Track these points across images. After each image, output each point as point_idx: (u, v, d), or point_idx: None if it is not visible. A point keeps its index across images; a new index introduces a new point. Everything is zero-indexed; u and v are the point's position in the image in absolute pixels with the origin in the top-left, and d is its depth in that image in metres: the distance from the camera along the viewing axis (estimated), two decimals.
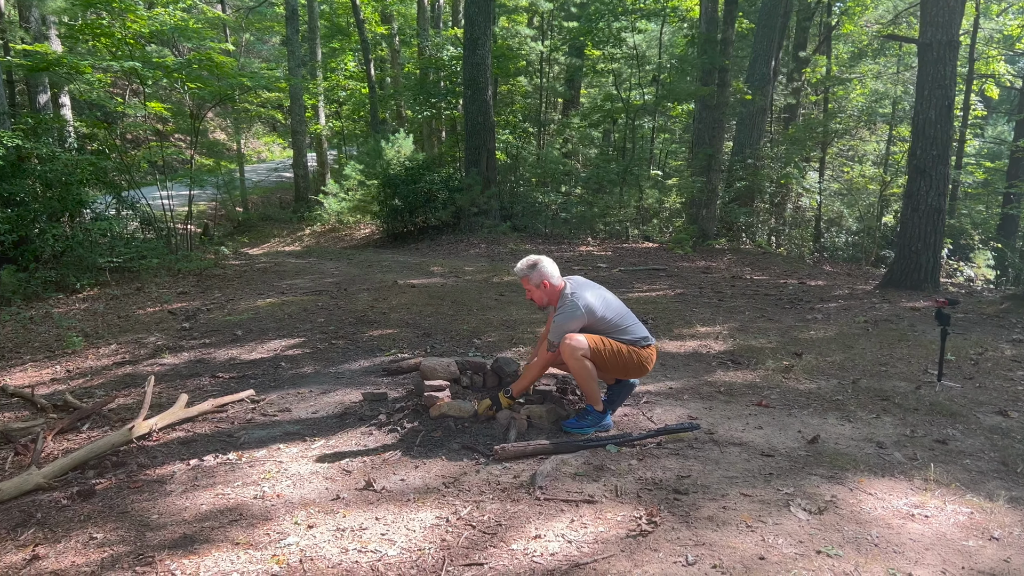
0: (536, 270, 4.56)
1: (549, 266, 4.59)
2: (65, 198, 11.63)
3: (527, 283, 4.60)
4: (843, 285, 10.70)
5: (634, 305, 8.67)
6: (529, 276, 4.57)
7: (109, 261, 11.50)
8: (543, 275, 4.56)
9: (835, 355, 6.42)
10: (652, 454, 4.24)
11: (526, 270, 4.59)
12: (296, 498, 3.73)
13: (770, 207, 20.04)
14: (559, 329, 4.41)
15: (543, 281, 4.55)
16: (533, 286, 4.59)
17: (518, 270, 4.62)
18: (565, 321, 4.42)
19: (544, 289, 4.57)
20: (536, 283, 4.57)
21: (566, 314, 4.43)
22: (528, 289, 4.63)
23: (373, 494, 3.76)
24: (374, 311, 8.19)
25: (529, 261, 4.61)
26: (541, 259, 4.60)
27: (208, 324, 8.03)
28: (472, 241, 15.39)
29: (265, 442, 4.53)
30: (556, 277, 4.59)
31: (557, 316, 4.46)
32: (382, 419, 4.75)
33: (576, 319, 4.42)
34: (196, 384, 5.88)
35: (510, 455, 4.15)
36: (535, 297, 4.64)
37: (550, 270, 4.58)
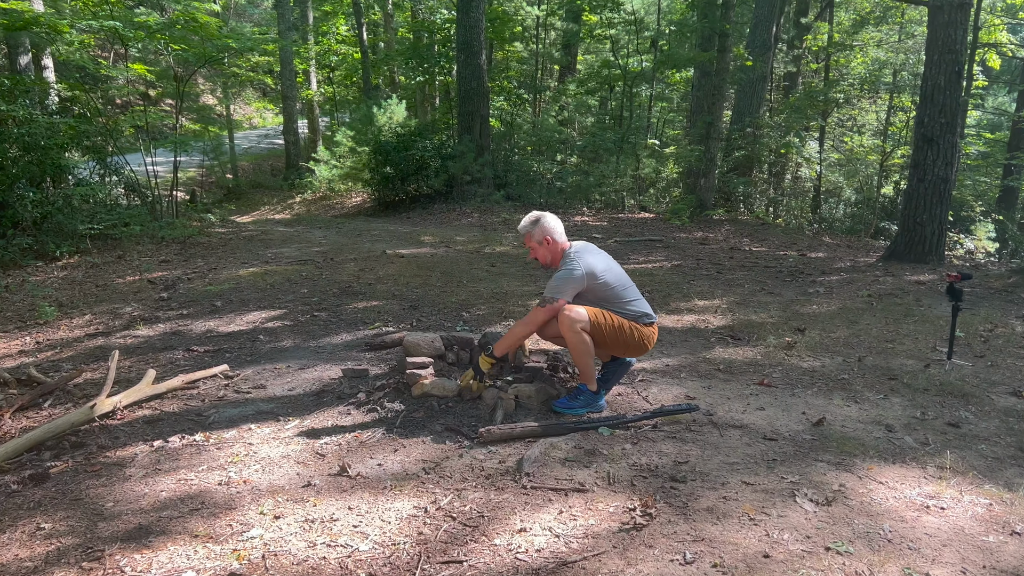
0: (538, 226, 4.28)
1: (552, 221, 4.31)
2: (44, 162, 11.24)
3: (529, 240, 4.33)
4: (844, 258, 10.42)
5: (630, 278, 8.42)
6: (532, 232, 4.30)
7: (90, 228, 11.14)
8: (545, 230, 4.27)
9: (839, 331, 6.15)
10: (647, 437, 3.98)
11: (528, 226, 4.31)
12: (264, 484, 3.46)
13: (768, 177, 19.71)
14: (555, 286, 4.14)
15: (545, 237, 4.27)
16: (535, 243, 4.31)
17: (521, 227, 4.36)
18: (563, 279, 4.15)
19: (547, 246, 4.29)
20: (538, 239, 4.28)
21: (565, 272, 4.16)
22: (531, 247, 4.36)
23: (347, 480, 3.49)
24: (360, 282, 7.88)
25: (532, 217, 4.34)
26: (544, 215, 4.34)
27: (187, 294, 7.73)
28: (464, 210, 15.05)
29: (236, 422, 4.26)
30: (560, 234, 4.32)
31: (556, 275, 4.20)
32: (361, 398, 4.47)
33: (574, 279, 4.14)
34: (169, 358, 5.59)
35: (496, 438, 3.88)
36: (538, 255, 4.37)
37: (553, 225, 4.30)
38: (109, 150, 13.20)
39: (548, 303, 4.12)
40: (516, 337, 4.30)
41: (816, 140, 19.41)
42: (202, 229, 13.10)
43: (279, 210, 21.87)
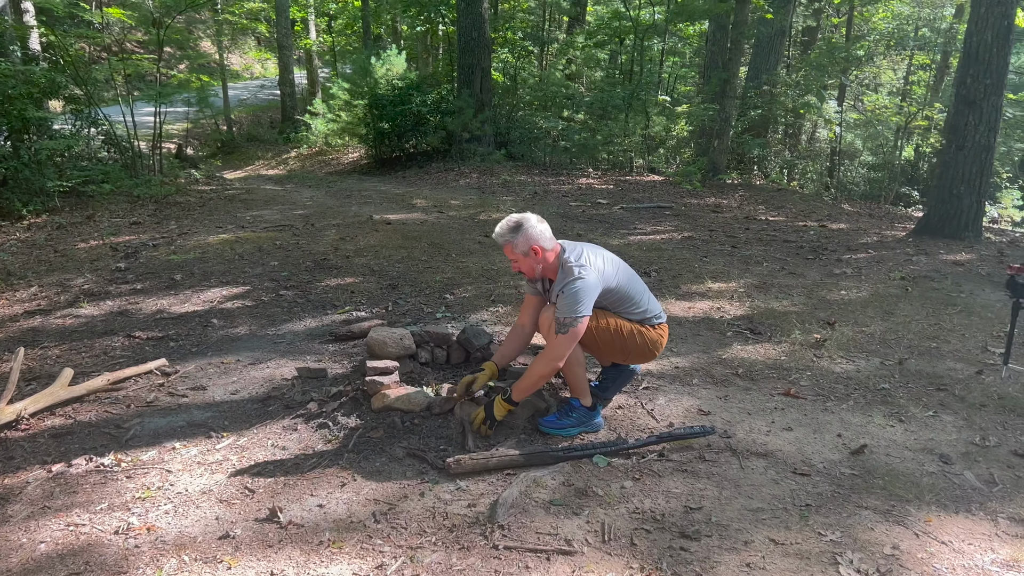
0: (522, 233, 3.40)
1: (537, 224, 3.44)
2: (10, 114, 10.42)
3: (511, 251, 3.45)
4: (869, 230, 9.60)
5: (636, 252, 7.65)
6: (513, 242, 3.41)
7: (59, 185, 10.37)
8: (531, 238, 3.40)
9: (873, 324, 5.39)
10: (652, 471, 3.26)
11: (508, 235, 3.42)
12: (172, 534, 2.76)
13: (784, 139, 18.75)
14: (570, 304, 3.27)
15: (532, 246, 3.40)
16: (520, 254, 3.43)
17: (498, 235, 3.46)
18: (578, 293, 3.28)
19: (535, 257, 3.43)
20: (524, 250, 3.41)
21: (577, 284, 3.30)
22: (514, 259, 3.48)
23: (276, 531, 2.79)
24: (337, 254, 7.13)
25: (511, 222, 3.44)
26: (526, 217, 3.45)
27: (147, 264, 6.99)
28: (463, 170, 14.20)
29: (159, 437, 3.55)
30: (548, 238, 3.45)
31: (566, 289, 3.31)
32: (312, 408, 3.75)
33: (590, 289, 3.31)
34: (105, 346, 4.88)
35: (467, 470, 3.17)
36: (523, 268, 3.50)
37: (540, 229, 3.43)
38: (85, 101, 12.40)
39: (569, 327, 3.28)
40: (539, 378, 3.42)
41: (835, 99, 18.40)
42: (184, 187, 12.36)
43: (273, 165, 21.04)
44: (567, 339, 3.29)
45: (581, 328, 3.31)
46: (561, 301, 3.32)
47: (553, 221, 9.17)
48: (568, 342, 3.31)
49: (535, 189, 12.30)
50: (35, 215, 9.89)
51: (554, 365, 3.35)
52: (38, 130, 11.51)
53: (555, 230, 7.63)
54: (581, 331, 3.32)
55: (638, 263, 7.09)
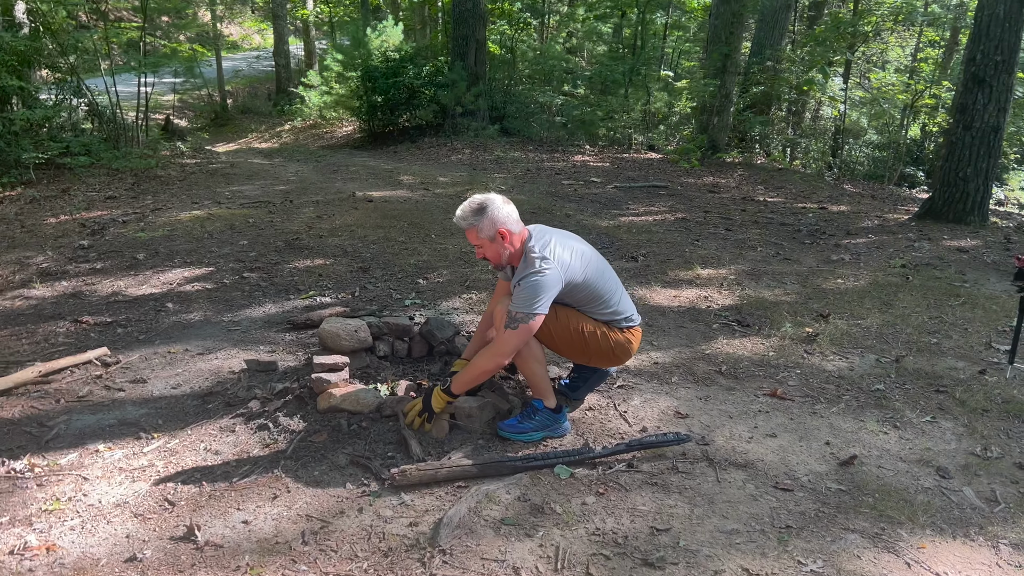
0: (487, 216, 3.07)
1: (504, 206, 3.10)
2: None
3: (474, 236, 3.12)
4: (871, 213, 9.24)
5: (625, 235, 7.30)
6: (477, 225, 3.08)
7: (35, 157, 10.02)
8: (497, 220, 3.07)
9: (870, 316, 5.06)
10: (619, 484, 2.95)
11: (471, 217, 3.09)
12: (72, 556, 2.47)
13: (787, 116, 18.28)
14: (526, 298, 2.97)
15: (499, 230, 3.07)
16: (485, 239, 3.10)
17: (460, 219, 3.13)
18: (535, 287, 2.97)
19: (501, 243, 3.10)
20: (489, 234, 3.08)
21: (535, 277, 2.98)
22: (478, 245, 3.15)
23: (191, 552, 2.49)
24: (311, 233, 6.80)
25: (473, 204, 3.11)
26: (490, 198, 3.11)
27: (112, 242, 6.68)
28: (456, 146, 13.82)
29: (84, 438, 3.25)
30: (515, 221, 3.12)
31: (524, 281, 3.00)
32: (254, 407, 3.45)
33: (549, 285, 2.99)
34: (48, 331, 4.57)
35: (413, 482, 2.87)
36: (488, 255, 3.17)
37: (506, 212, 3.09)
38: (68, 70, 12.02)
39: (520, 323, 2.98)
40: (481, 373, 3.15)
41: (840, 76, 17.89)
42: (167, 160, 12.00)
43: (266, 138, 20.64)
44: (516, 335, 2.99)
45: (534, 325, 2.99)
46: (517, 294, 3.00)
47: (542, 200, 8.83)
48: (516, 338, 3.00)
49: (528, 166, 11.93)
50: (10, 187, 9.56)
51: (498, 361, 3.06)
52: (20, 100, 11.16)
53: (542, 210, 7.27)
54: (533, 328, 3.01)
55: (626, 246, 6.76)
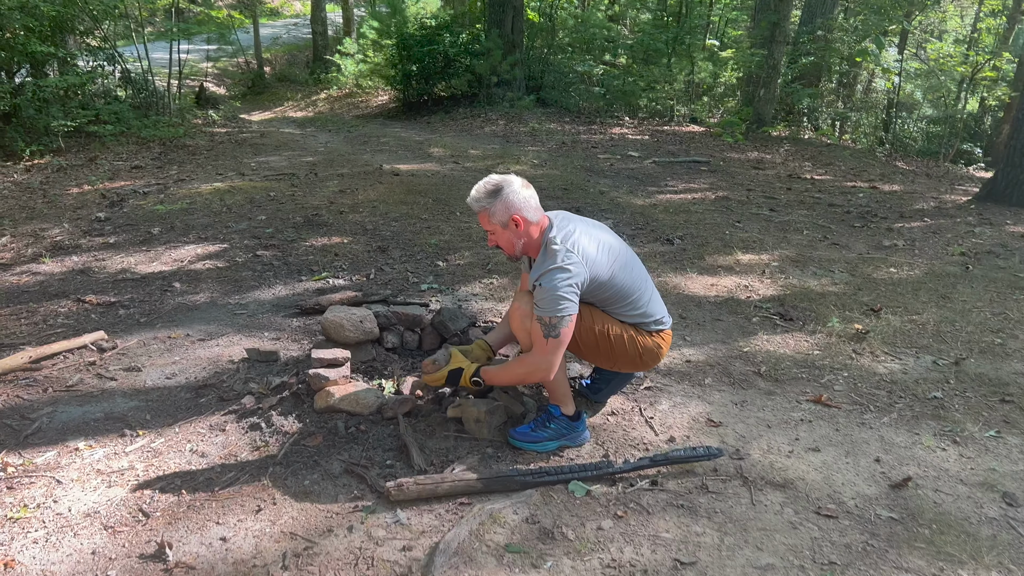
0: (501, 199, 2.73)
1: (520, 189, 2.75)
2: (13, 48, 9.93)
3: (487, 220, 2.79)
4: (925, 193, 8.69)
5: (661, 215, 6.90)
6: (490, 209, 2.75)
7: (63, 125, 9.90)
8: (512, 206, 2.72)
9: (926, 311, 4.64)
10: (641, 505, 2.64)
11: (484, 200, 2.75)
12: (32, 575, 2.24)
13: (837, 88, 17.50)
14: (553, 300, 2.62)
15: (513, 216, 2.73)
16: (498, 224, 2.77)
17: (473, 200, 2.78)
18: (559, 286, 2.62)
19: (515, 230, 2.76)
20: (502, 220, 2.75)
21: (558, 275, 2.63)
22: (490, 231, 2.82)
23: (159, 574, 2.24)
24: (332, 208, 6.53)
25: (489, 185, 2.76)
26: (508, 180, 2.77)
27: (130, 215, 6.50)
28: (490, 116, 13.44)
29: (66, 433, 3.03)
30: (533, 208, 2.77)
31: (545, 279, 2.65)
32: (247, 403, 3.19)
33: (576, 280, 2.65)
34: (49, 311, 4.38)
35: (410, 497, 2.59)
36: (501, 243, 2.83)
37: (523, 196, 2.74)
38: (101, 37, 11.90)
39: (559, 328, 2.64)
40: (517, 380, 2.92)
41: (896, 47, 17.04)
42: (197, 128, 11.84)
43: (302, 107, 20.40)
44: (557, 344, 2.67)
45: (570, 329, 2.67)
46: (539, 295, 2.66)
47: (575, 176, 8.46)
48: (558, 348, 2.68)
49: (563, 139, 11.52)
50: (39, 156, 9.47)
51: (541, 375, 2.76)
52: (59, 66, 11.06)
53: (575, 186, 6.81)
54: (570, 332, 2.69)
55: (662, 227, 6.38)
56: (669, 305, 4.54)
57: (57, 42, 10.60)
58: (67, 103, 10.48)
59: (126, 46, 13.10)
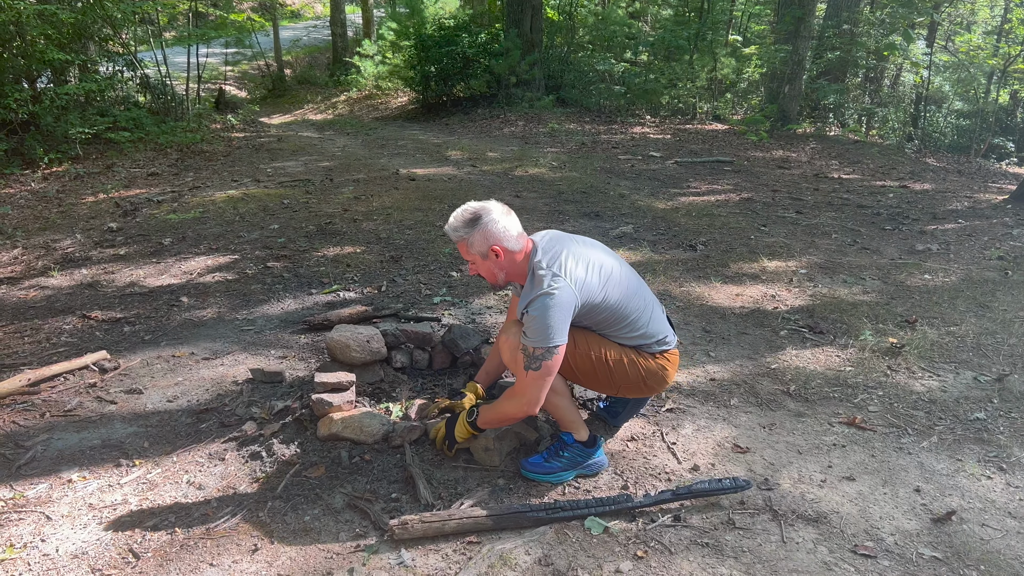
0: (479, 229, 2.57)
1: (500, 218, 2.59)
2: (31, 56, 9.93)
3: (466, 250, 2.65)
4: (959, 192, 8.39)
5: (683, 219, 6.69)
6: (468, 239, 2.60)
7: (81, 132, 9.86)
8: (491, 236, 2.57)
9: (965, 322, 4.41)
10: (662, 543, 2.46)
11: (462, 229, 2.60)
12: None
13: (864, 83, 17.10)
14: (541, 329, 2.46)
15: (492, 247, 2.58)
16: (477, 255, 2.63)
17: (451, 229, 2.63)
18: (548, 314, 2.45)
19: (495, 260, 2.61)
20: (481, 250, 2.60)
21: (546, 301, 2.47)
22: (470, 260, 2.68)
23: None
24: (346, 216, 6.40)
25: (466, 213, 2.61)
26: (487, 208, 2.60)
27: (142, 225, 6.41)
28: (509, 117, 13.28)
29: (61, 463, 2.91)
30: (514, 237, 2.60)
31: (532, 307, 2.49)
32: (249, 430, 3.05)
33: (565, 306, 2.48)
34: (54, 328, 4.27)
35: (416, 535, 2.43)
36: (482, 272, 2.69)
37: (503, 225, 2.58)
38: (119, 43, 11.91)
39: (542, 360, 2.47)
40: (506, 419, 2.71)
41: (924, 40, 16.62)
42: (215, 133, 11.80)
43: (322, 110, 20.38)
44: (538, 377, 2.50)
45: (556, 361, 2.50)
46: (528, 324, 2.50)
47: (595, 178, 8.26)
48: (540, 381, 2.51)
49: (583, 139, 11.32)
50: (56, 163, 9.45)
51: (525, 410, 2.58)
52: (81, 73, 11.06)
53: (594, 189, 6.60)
54: (557, 365, 2.51)
55: (684, 232, 6.17)
56: (691, 317, 4.36)
57: (77, 49, 10.60)
58: (86, 110, 10.46)
59: (146, 51, 13.10)
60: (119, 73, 11.69)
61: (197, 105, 13.03)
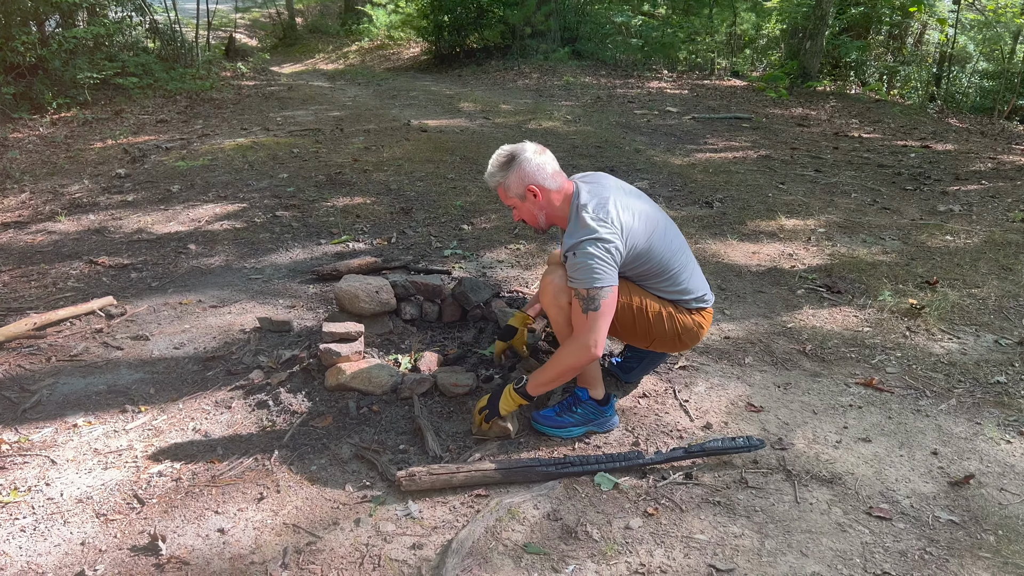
0: (514, 169, 2.50)
1: (534, 156, 2.51)
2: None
3: (504, 194, 2.58)
4: (982, 153, 8.20)
5: (700, 175, 6.57)
6: (505, 182, 2.53)
7: (89, 77, 9.72)
8: (526, 175, 2.50)
9: (987, 284, 4.31)
10: (673, 501, 2.42)
11: (498, 173, 2.53)
12: (14, 568, 2.10)
13: (887, 41, 16.69)
14: (588, 270, 2.37)
15: (528, 187, 2.51)
16: (515, 197, 2.55)
17: (489, 175, 2.57)
18: (594, 255, 2.37)
19: (534, 201, 2.53)
20: (519, 192, 2.53)
21: (592, 250, 2.37)
22: (511, 205, 2.61)
23: (150, 570, 2.09)
24: (356, 166, 6.30)
25: (501, 156, 2.54)
26: (521, 148, 2.53)
27: (150, 172, 6.33)
28: (523, 69, 13.03)
29: (66, 407, 2.88)
30: (549, 175, 2.52)
31: (578, 249, 2.40)
32: (256, 378, 3.02)
33: (611, 249, 2.39)
34: (60, 273, 4.24)
35: (423, 487, 2.40)
36: (524, 216, 2.61)
37: (537, 163, 2.50)
38: None
39: (599, 300, 2.37)
40: (565, 370, 2.53)
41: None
42: (226, 81, 11.63)
43: (333, 59, 20.07)
44: (598, 317, 2.39)
45: (612, 300, 2.41)
46: (573, 266, 2.41)
47: (610, 132, 8.11)
48: (599, 321, 2.40)
49: (598, 92, 11.11)
50: (65, 108, 9.34)
51: (587, 355, 2.44)
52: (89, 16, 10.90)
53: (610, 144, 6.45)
54: (613, 304, 2.42)
55: (700, 189, 6.05)
56: (708, 275, 4.26)
57: None
58: (94, 55, 10.29)
59: None
60: (128, 18, 11.48)
61: (207, 52, 12.83)
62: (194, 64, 11.72)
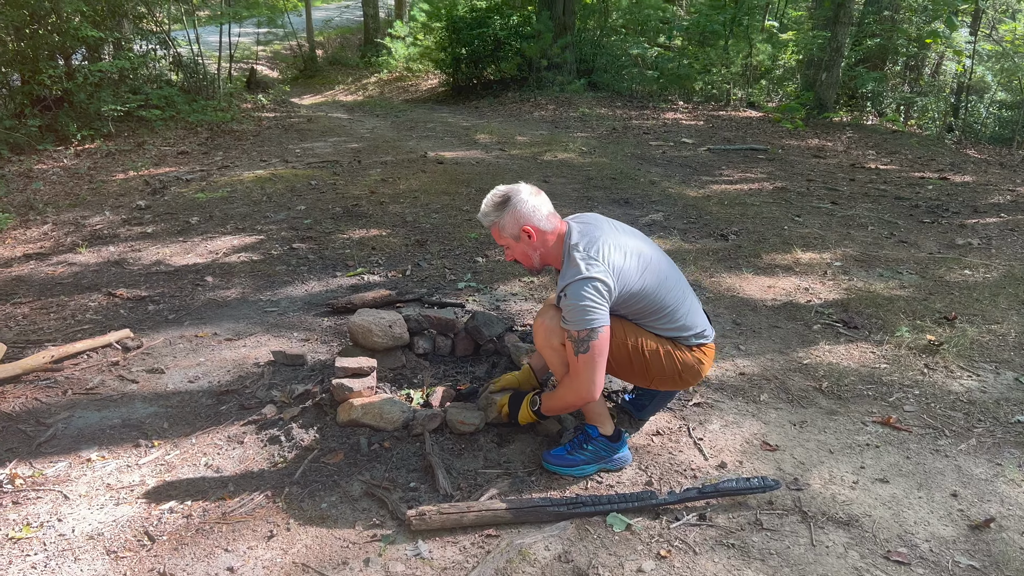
0: (509, 211, 2.54)
1: (529, 198, 2.54)
2: (65, 33, 9.99)
3: (499, 234, 2.61)
4: (1001, 185, 8.14)
5: (715, 207, 6.56)
6: (499, 222, 2.57)
7: (113, 109, 9.90)
8: (521, 217, 2.53)
9: (1006, 320, 4.25)
10: (686, 543, 2.39)
11: (492, 213, 2.57)
12: None
13: (903, 71, 16.71)
14: (580, 311, 2.39)
15: (523, 227, 2.54)
16: (509, 238, 2.59)
17: (482, 215, 2.61)
18: (584, 296, 2.39)
19: (528, 242, 2.57)
20: (513, 232, 2.57)
21: (584, 283, 2.40)
22: (505, 245, 2.64)
23: None
24: (373, 198, 6.36)
25: (496, 197, 2.58)
26: (515, 190, 2.57)
27: (171, 203, 6.41)
28: (539, 101, 13.13)
29: (81, 442, 2.90)
30: (544, 216, 2.56)
31: (569, 289, 2.43)
32: (268, 413, 3.02)
33: (601, 292, 2.41)
34: (79, 305, 4.28)
35: (433, 527, 2.38)
36: (517, 256, 2.65)
37: (532, 205, 2.54)
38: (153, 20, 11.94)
39: (590, 342, 2.41)
40: (567, 407, 2.67)
41: (967, 27, 16.15)
42: (246, 113, 11.81)
43: (352, 90, 20.35)
44: (589, 360, 2.43)
45: (604, 342, 2.43)
46: (566, 308, 2.43)
47: (625, 164, 8.14)
48: (591, 363, 2.44)
49: (614, 124, 11.17)
50: (89, 140, 9.50)
51: (583, 396, 2.53)
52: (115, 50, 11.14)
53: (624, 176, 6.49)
54: (605, 345, 2.45)
55: (715, 221, 6.05)
56: (722, 309, 4.26)
57: (111, 26, 10.63)
58: (119, 87, 10.50)
59: (179, 30, 13.15)
60: (152, 51, 11.73)
61: (228, 84, 13.05)
62: (215, 96, 11.92)
